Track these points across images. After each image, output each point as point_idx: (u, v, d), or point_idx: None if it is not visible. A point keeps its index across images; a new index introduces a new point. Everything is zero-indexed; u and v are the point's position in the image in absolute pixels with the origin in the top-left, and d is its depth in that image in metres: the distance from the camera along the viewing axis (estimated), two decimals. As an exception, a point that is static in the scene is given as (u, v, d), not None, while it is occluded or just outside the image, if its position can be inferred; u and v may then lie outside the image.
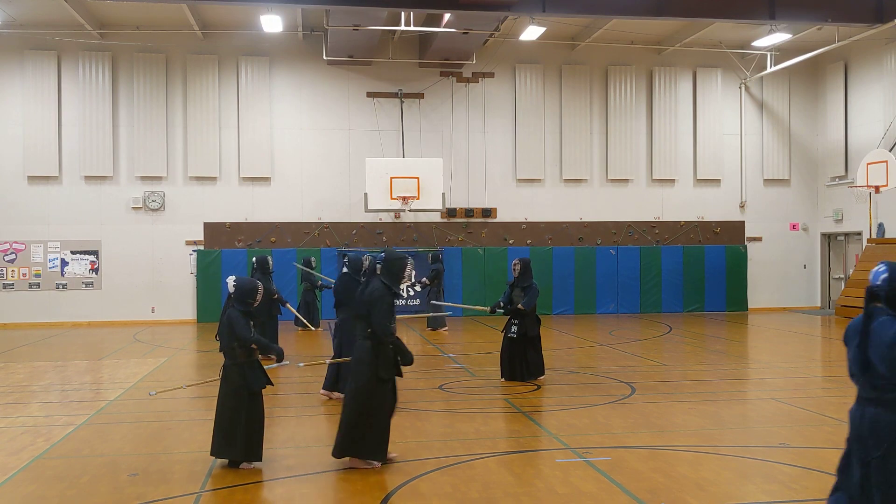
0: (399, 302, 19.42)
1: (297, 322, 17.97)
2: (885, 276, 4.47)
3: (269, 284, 13.94)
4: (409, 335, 17.72)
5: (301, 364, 9.80)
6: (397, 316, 7.67)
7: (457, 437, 8.53)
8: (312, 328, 18.44)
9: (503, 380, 11.44)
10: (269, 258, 14.56)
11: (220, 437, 7.34)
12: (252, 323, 7.56)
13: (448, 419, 9.29)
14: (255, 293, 7.52)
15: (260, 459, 7.32)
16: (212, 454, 7.36)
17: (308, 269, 18.44)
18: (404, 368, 7.54)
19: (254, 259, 14.39)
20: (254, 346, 7.34)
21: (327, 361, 10.17)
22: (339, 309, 10.36)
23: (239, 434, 7.24)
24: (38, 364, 14.32)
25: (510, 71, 23.08)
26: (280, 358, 7.50)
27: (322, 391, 10.54)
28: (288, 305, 14.85)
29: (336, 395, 10.25)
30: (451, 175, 22.29)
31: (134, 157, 21.60)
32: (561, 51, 23.20)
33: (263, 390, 7.56)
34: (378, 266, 7.32)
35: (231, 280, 7.57)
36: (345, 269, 10.51)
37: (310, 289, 18.80)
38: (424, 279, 18.92)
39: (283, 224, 22.14)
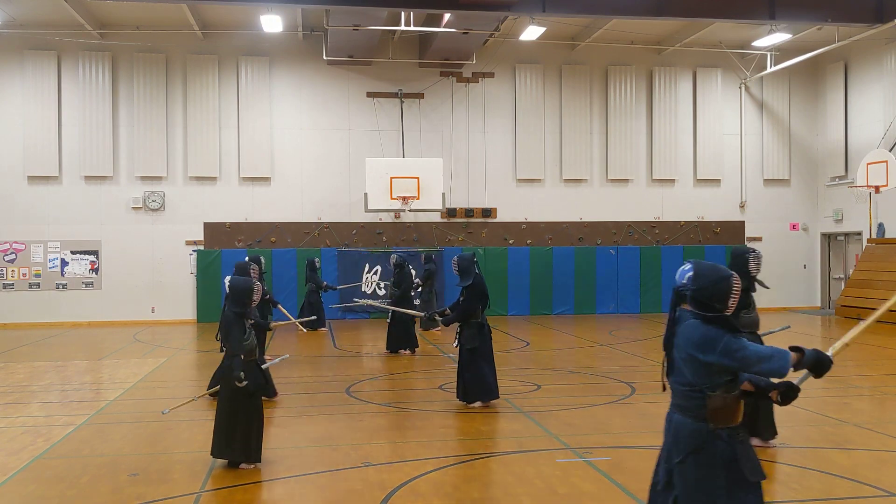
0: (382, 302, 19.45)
1: (303, 323, 18.19)
2: (690, 274, 4.14)
3: (262, 285, 13.87)
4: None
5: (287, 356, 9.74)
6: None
7: (457, 437, 8.54)
8: (304, 330, 18.35)
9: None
10: (261, 258, 14.42)
11: (219, 437, 7.33)
12: (251, 323, 7.54)
13: (448, 419, 9.29)
14: (251, 293, 7.41)
15: (259, 461, 7.29)
16: (212, 455, 7.36)
17: (311, 271, 18.42)
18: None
19: (246, 259, 14.29)
20: (241, 355, 7.25)
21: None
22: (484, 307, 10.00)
23: (237, 435, 7.22)
24: (38, 364, 14.31)
25: (510, 71, 23.08)
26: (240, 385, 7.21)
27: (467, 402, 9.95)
28: (279, 306, 14.75)
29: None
30: (451, 175, 22.29)
31: (134, 157, 21.60)
32: (561, 51, 23.19)
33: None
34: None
35: (228, 280, 7.55)
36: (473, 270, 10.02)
37: (314, 290, 18.76)
38: (417, 280, 18.75)
39: (283, 224, 22.13)
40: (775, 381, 4.16)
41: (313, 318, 15.93)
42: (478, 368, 9.78)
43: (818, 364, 4.02)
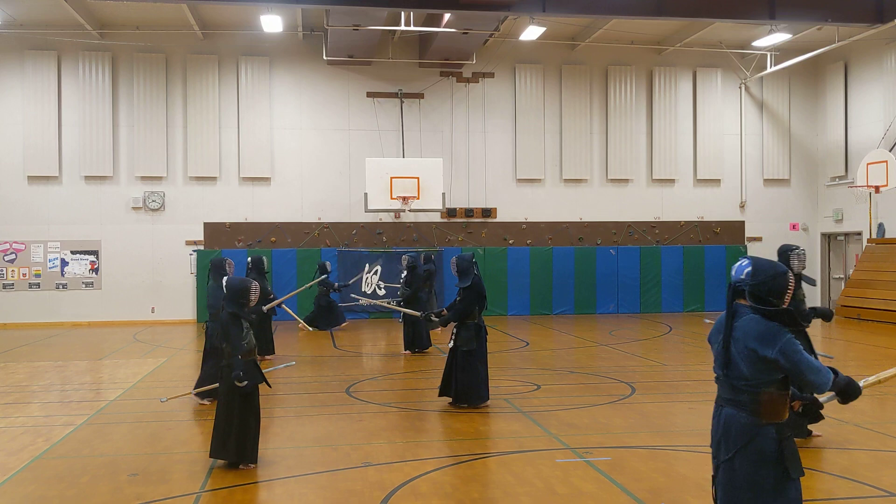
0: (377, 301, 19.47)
1: (315, 325, 18.51)
2: (748, 269, 4.29)
3: (264, 284, 13.94)
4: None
5: (293, 363, 9.78)
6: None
7: (457, 437, 8.54)
8: (309, 329, 18.42)
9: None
10: (264, 258, 14.46)
11: (216, 437, 7.33)
12: (248, 324, 7.49)
13: (448, 419, 9.29)
14: (247, 293, 7.33)
15: (254, 462, 7.28)
16: (210, 455, 7.36)
17: (323, 275, 18.43)
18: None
19: (249, 259, 14.38)
20: (236, 355, 7.22)
21: None
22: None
23: (232, 435, 7.20)
24: (38, 364, 14.32)
25: (510, 71, 23.08)
26: (238, 385, 7.21)
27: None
28: (283, 306, 14.79)
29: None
30: (451, 175, 22.29)
31: (134, 157, 21.60)
32: (561, 51, 23.19)
33: (262, 391, 7.54)
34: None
35: (224, 280, 7.53)
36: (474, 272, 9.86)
37: (325, 292, 18.79)
38: None
39: (283, 224, 22.13)
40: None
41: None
42: (473, 371, 9.68)
43: (847, 390, 4.20)
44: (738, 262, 4.39)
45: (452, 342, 9.90)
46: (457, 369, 9.76)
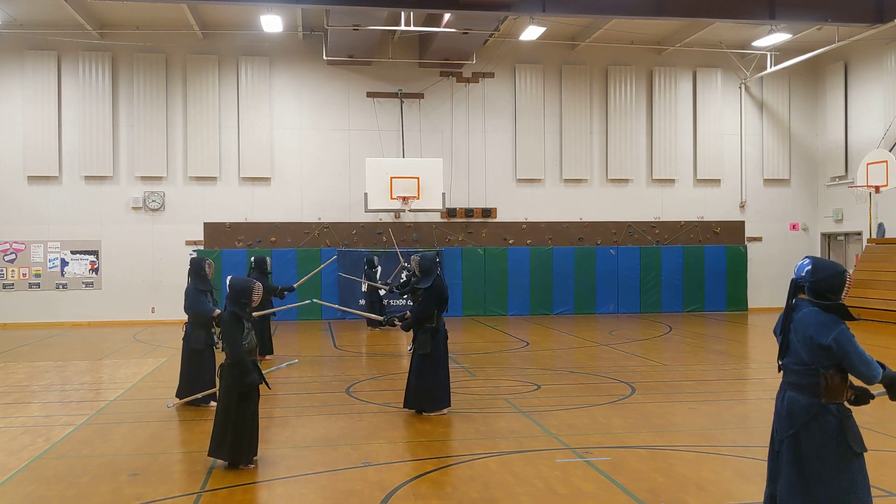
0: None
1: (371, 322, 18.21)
2: (808, 268, 4.73)
3: (267, 284, 13.94)
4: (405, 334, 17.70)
5: (296, 361, 9.76)
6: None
7: (457, 437, 8.53)
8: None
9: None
10: (268, 258, 14.52)
11: (214, 436, 7.32)
12: (250, 324, 7.48)
13: (448, 419, 9.28)
14: (249, 292, 7.30)
15: (250, 463, 7.27)
16: (208, 454, 7.35)
17: (370, 269, 18.34)
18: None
19: (252, 259, 14.43)
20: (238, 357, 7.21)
21: None
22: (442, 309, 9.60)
23: (228, 435, 7.20)
24: (38, 364, 14.31)
25: (510, 71, 23.07)
26: (250, 386, 7.24)
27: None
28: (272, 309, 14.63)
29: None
30: (451, 175, 22.29)
31: (134, 157, 21.60)
32: (561, 51, 23.19)
33: (262, 391, 7.53)
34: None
35: (228, 280, 7.51)
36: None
37: (374, 289, 18.85)
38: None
39: (283, 224, 22.13)
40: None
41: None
42: (428, 376, 9.30)
43: (894, 385, 4.65)
44: (800, 262, 4.84)
45: (411, 346, 9.68)
46: (412, 373, 9.50)
